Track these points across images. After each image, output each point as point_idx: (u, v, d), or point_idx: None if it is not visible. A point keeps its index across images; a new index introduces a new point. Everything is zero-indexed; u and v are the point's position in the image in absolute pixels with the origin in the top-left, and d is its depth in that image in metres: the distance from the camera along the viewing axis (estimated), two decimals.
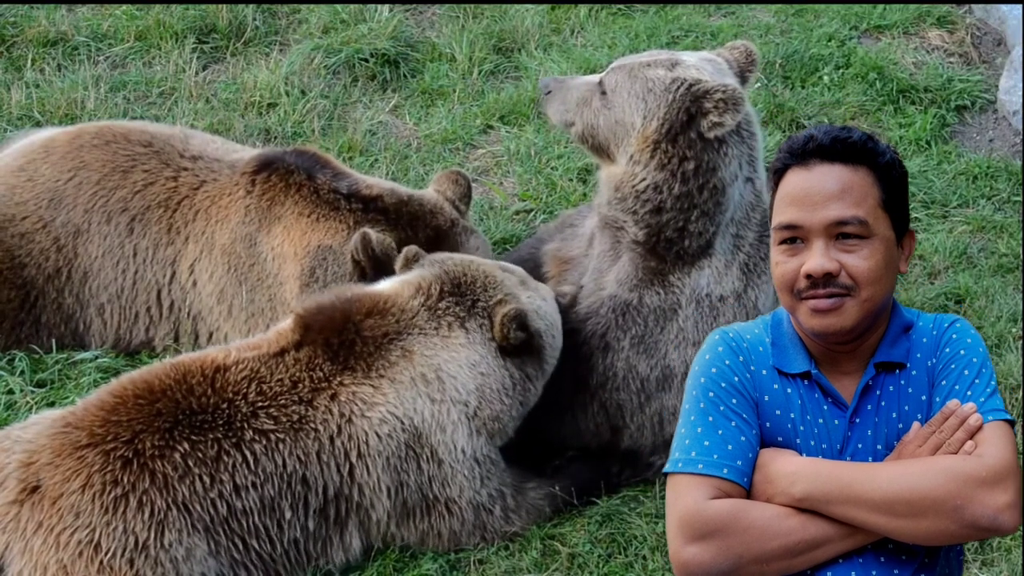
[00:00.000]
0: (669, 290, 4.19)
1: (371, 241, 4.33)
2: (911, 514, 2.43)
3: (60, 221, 4.73)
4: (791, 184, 2.58)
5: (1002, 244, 5.52)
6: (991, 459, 2.45)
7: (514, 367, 4.02)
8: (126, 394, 3.67)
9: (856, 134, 2.57)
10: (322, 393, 3.78)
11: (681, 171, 4.04)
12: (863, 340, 2.61)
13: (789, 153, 2.60)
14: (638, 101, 4.07)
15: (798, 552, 2.48)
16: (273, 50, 6.57)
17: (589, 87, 4.27)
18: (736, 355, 2.65)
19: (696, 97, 3.99)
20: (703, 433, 2.56)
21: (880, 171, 2.57)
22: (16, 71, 6.20)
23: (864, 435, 2.60)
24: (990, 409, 2.52)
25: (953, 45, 6.87)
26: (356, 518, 3.82)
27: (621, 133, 4.14)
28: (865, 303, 2.53)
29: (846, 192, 2.52)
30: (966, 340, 2.63)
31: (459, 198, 4.74)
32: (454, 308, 3.98)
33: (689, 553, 2.47)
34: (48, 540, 3.40)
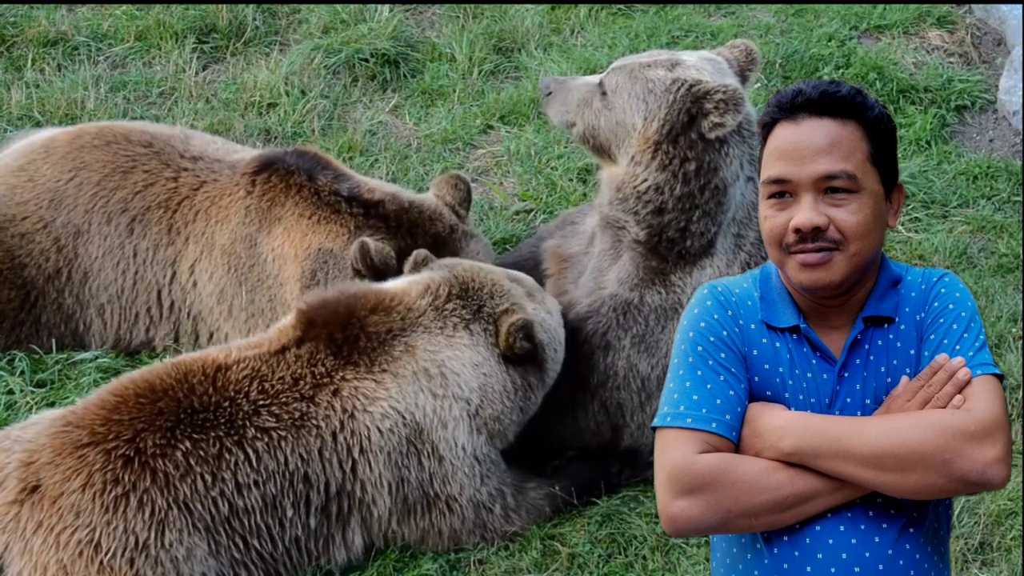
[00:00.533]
0: (670, 289, 4.19)
1: (369, 250, 4.33)
2: (900, 468, 2.42)
3: (60, 221, 4.73)
4: (779, 138, 2.57)
5: (1002, 244, 5.52)
6: (980, 413, 2.44)
7: (516, 374, 4.02)
8: (127, 393, 3.67)
9: (845, 88, 2.56)
10: (324, 389, 3.78)
11: (683, 172, 4.04)
12: (852, 294, 2.61)
13: (778, 107, 2.58)
14: (639, 102, 4.07)
15: (787, 506, 2.48)
16: (273, 50, 6.57)
17: (589, 88, 4.27)
18: (725, 309, 2.64)
19: (697, 98, 3.99)
20: (692, 387, 2.56)
21: (869, 125, 2.55)
22: (16, 71, 6.20)
23: (853, 389, 2.59)
24: (979, 363, 2.51)
25: (953, 45, 6.87)
26: (358, 515, 3.82)
27: (622, 134, 4.15)
28: (854, 257, 2.52)
29: (834, 146, 2.51)
30: (955, 294, 2.62)
31: (459, 202, 4.73)
32: (460, 311, 3.99)
33: (678, 507, 2.47)
34: (48, 540, 3.40)
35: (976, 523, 4.02)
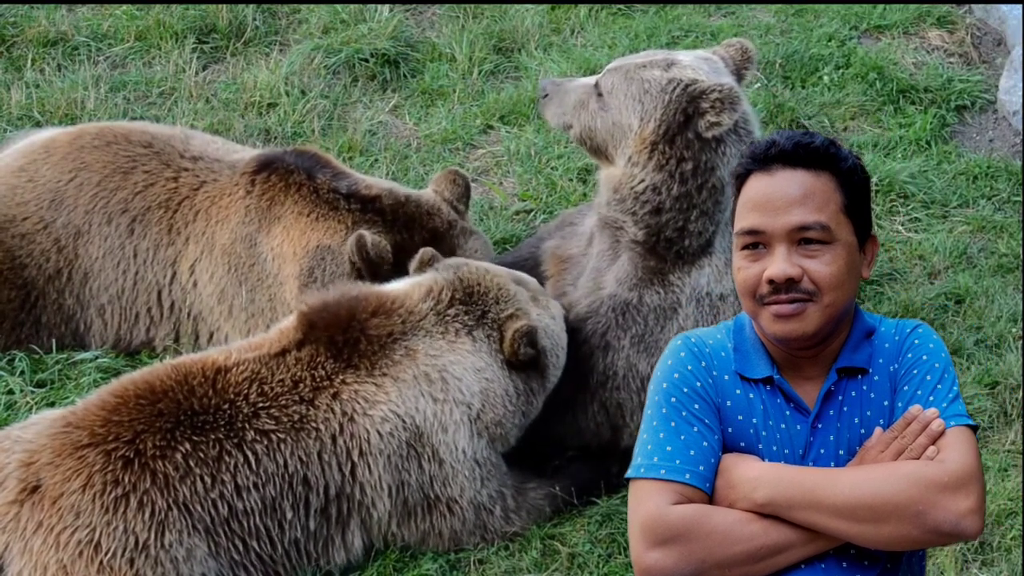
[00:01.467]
0: (669, 289, 4.19)
1: (366, 243, 4.32)
2: (873, 519, 2.43)
3: (61, 222, 4.73)
4: (753, 189, 2.58)
5: (1002, 244, 5.52)
6: (953, 464, 2.45)
7: (519, 379, 4.02)
8: (127, 394, 3.67)
9: (818, 139, 2.57)
10: (324, 392, 3.78)
11: (679, 172, 4.04)
12: (825, 345, 2.62)
13: (751, 158, 2.60)
14: (635, 103, 4.07)
15: (760, 557, 2.48)
16: (273, 50, 6.57)
17: (586, 89, 4.27)
18: (698, 360, 2.65)
19: (692, 97, 3.99)
20: (665, 438, 2.56)
21: (842, 176, 2.56)
22: (16, 71, 6.19)
23: (826, 440, 2.59)
24: (952, 414, 2.52)
25: (953, 45, 6.86)
26: (358, 517, 3.82)
27: (619, 135, 4.14)
28: (827, 308, 2.53)
29: (808, 197, 2.52)
30: (928, 345, 2.63)
31: (457, 198, 4.73)
32: (463, 316, 3.98)
33: (651, 558, 2.47)
34: (48, 540, 3.40)
35: None
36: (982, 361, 4.81)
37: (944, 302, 5.16)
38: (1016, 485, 4.17)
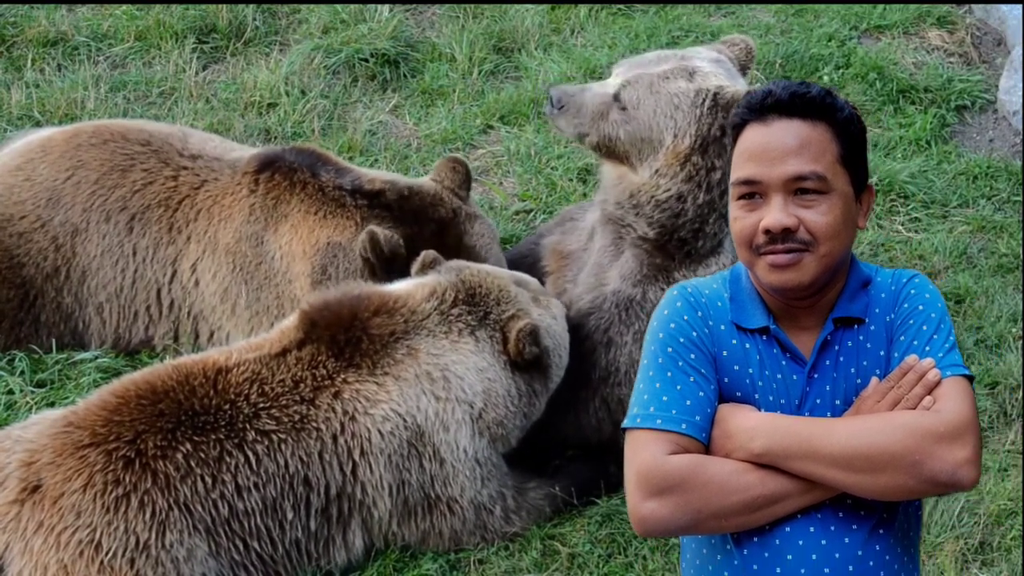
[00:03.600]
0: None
1: (379, 240, 4.32)
2: (869, 469, 2.42)
3: (58, 220, 4.72)
4: (749, 139, 2.56)
5: (1002, 244, 5.53)
6: (949, 414, 2.44)
7: (521, 380, 4.02)
8: (128, 394, 3.67)
9: (815, 89, 2.55)
10: (325, 391, 3.78)
11: (707, 181, 4.05)
12: (821, 295, 2.60)
13: (748, 108, 2.58)
14: (666, 119, 4.05)
15: (757, 507, 2.48)
16: (273, 50, 6.57)
17: (604, 100, 4.21)
18: (694, 310, 2.64)
19: (728, 110, 3.96)
20: (661, 388, 2.55)
21: (839, 126, 2.55)
22: (16, 71, 6.19)
23: (823, 390, 2.59)
24: (948, 364, 2.51)
25: (953, 45, 6.87)
26: (359, 517, 3.82)
27: (647, 149, 4.12)
28: (823, 258, 2.52)
29: (804, 147, 2.50)
30: (924, 295, 2.62)
31: (458, 185, 4.71)
32: (466, 316, 3.98)
33: (647, 508, 2.47)
34: (49, 540, 3.40)
35: (976, 523, 4.02)
36: (982, 361, 4.82)
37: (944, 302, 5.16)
38: (1016, 485, 4.17)
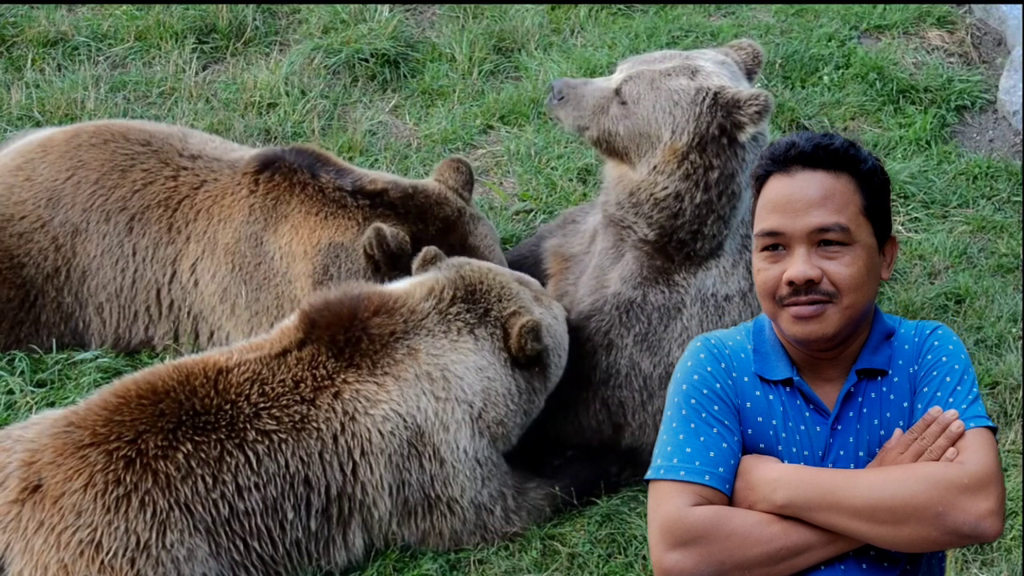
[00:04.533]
0: (674, 289, 4.19)
1: (385, 236, 4.31)
2: (893, 521, 2.43)
3: (58, 220, 4.72)
4: (773, 191, 2.58)
5: (1002, 244, 5.53)
6: (973, 466, 2.45)
7: (521, 378, 4.02)
8: (129, 394, 3.67)
9: (838, 141, 2.58)
10: (325, 391, 3.78)
11: (705, 180, 4.04)
12: (845, 347, 2.62)
13: (771, 160, 2.60)
14: (665, 115, 4.05)
15: (780, 559, 2.49)
16: (273, 50, 6.57)
17: (605, 94, 4.22)
18: (718, 362, 2.65)
19: (728, 111, 3.97)
20: (685, 440, 2.57)
21: (862, 178, 2.57)
22: (16, 71, 6.19)
23: (846, 442, 2.60)
24: (972, 416, 2.53)
25: (953, 45, 6.87)
26: (359, 517, 3.82)
27: (645, 145, 4.12)
28: (847, 310, 2.53)
29: (828, 199, 2.52)
30: (948, 347, 2.63)
31: (461, 185, 4.71)
32: (465, 315, 3.98)
33: (671, 560, 2.48)
34: (49, 539, 3.40)
35: None
36: (982, 361, 4.82)
37: (944, 302, 5.17)
38: (1016, 485, 4.17)
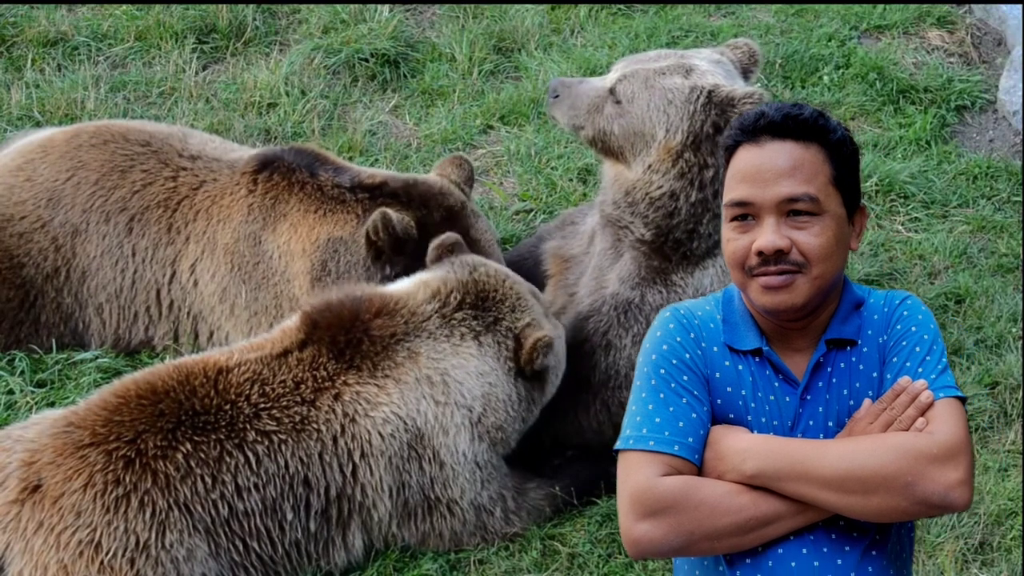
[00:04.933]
0: (671, 289, 4.19)
1: (391, 219, 4.30)
2: (862, 491, 2.43)
3: (58, 221, 4.72)
4: (742, 161, 2.57)
5: (1002, 244, 5.53)
6: (942, 436, 2.45)
7: (522, 387, 4.02)
8: (129, 394, 3.67)
9: (807, 111, 2.56)
10: (325, 393, 3.77)
11: (700, 178, 4.04)
12: (814, 317, 2.61)
13: (740, 130, 2.59)
14: (659, 114, 4.05)
15: (749, 529, 2.48)
16: (273, 50, 6.57)
17: (600, 93, 4.22)
18: (687, 332, 2.64)
19: (720, 106, 3.96)
20: (654, 410, 2.56)
21: (831, 148, 2.56)
22: (16, 71, 6.19)
23: (815, 412, 2.59)
24: (941, 386, 2.52)
25: (953, 45, 6.87)
26: (358, 518, 3.82)
27: (640, 144, 4.12)
28: (816, 280, 2.52)
29: (797, 169, 2.51)
30: (917, 317, 2.63)
31: (463, 181, 4.73)
32: (471, 320, 3.97)
33: (640, 530, 2.47)
34: (49, 539, 3.40)
35: (976, 523, 4.02)
36: (982, 361, 4.82)
37: (944, 302, 5.17)
38: (1016, 485, 4.17)
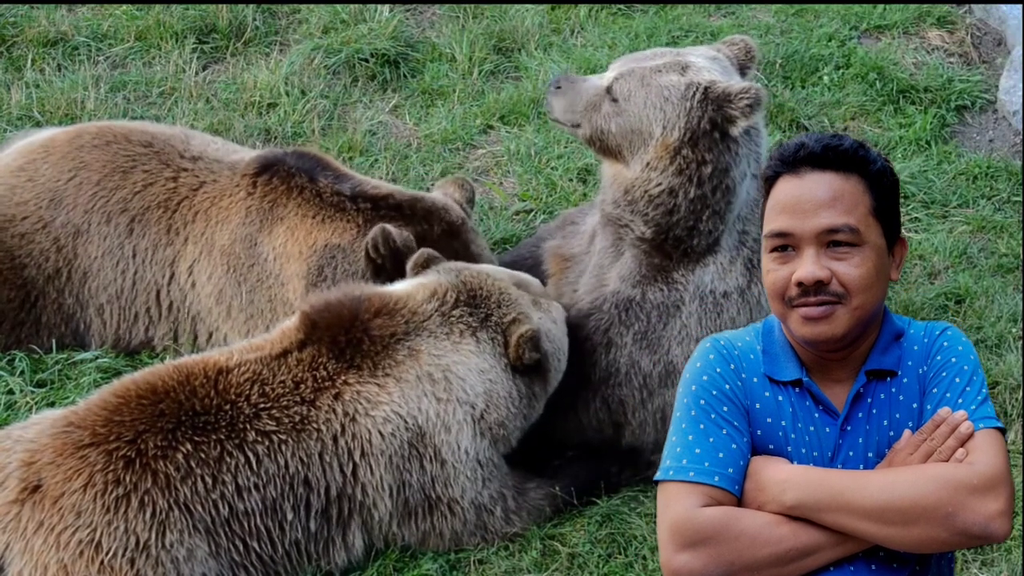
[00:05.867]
0: (672, 286, 4.19)
1: (391, 235, 4.32)
2: (902, 522, 2.43)
3: (60, 221, 4.73)
4: (782, 192, 2.58)
5: (1002, 244, 5.53)
6: (982, 466, 2.46)
7: (522, 383, 4.02)
8: (129, 395, 3.67)
9: (847, 142, 2.58)
10: (325, 392, 3.78)
11: (698, 175, 4.04)
12: (854, 348, 2.62)
13: (780, 161, 2.61)
14: (656, 111, 4.05)
15: (789, 560, 2.49)
16: (273, 50, 6.57)
17: (597, 92, 4.22)
18: (727, 363, 2.66)
19: (717, 102, 3.96)
20: (694, 441, 2.57)
21: (871, 179, 2.57)
22: (16, 71, 6.19)
23: (855, 443, 2.60)
24: (981, 417, 2.53)
25: (953, 45, 6.87)
26: (359, 518, 3.82)
27: (637, 142, 4.12)
28: (856, 311, 2.53)
29: (837, 200, 2.52)
30: (957, 348, 2.64)
31: (465, 201, 4.77)
32: (467, 318, 3.98)
33: (680, 561, 2.49)
34: (49, 539, 3.40)
35: None
36: (982, 361, 4.81)
37: (944, 302, 5.17)
38: (1016, 485, 4.17)
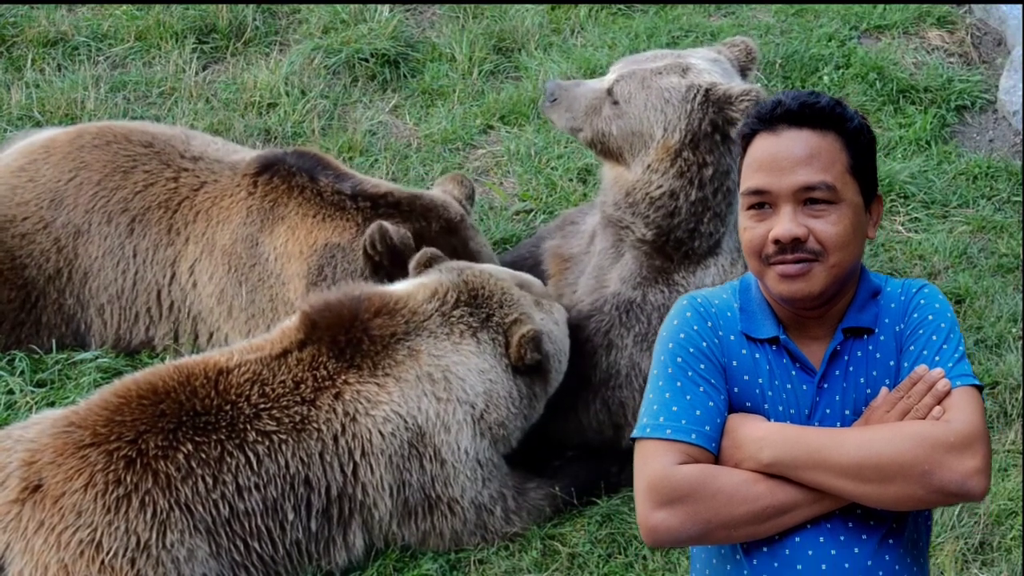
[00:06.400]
0: (673, 288, 4.19)
1: (388, 232, 4.32)
2: (879, 479, 2.43)
3: (61, 222, 4.73)
4: (759, 149, 2.57)
5: (1002, 244, 5.53)
6: (959, 424, 2.45)
7: (523, 383, 4.02)
8: (130, 395, 3.67)
9: (824, 99, 2.56)
10: (325, 392, 3.78)
11: (699, 177, 4.04)
12: (831, 305, 2.61)
13: (757, 118, 2.59)
14: (656, 113, 4.05)
15: (766, 517, 2.48)
16: (273, 50, 6.57)
17: (597, 95, 4.22)
18: (704, 320, 2.64)
19: (718, 104, 3.96)
20: (671, 398, 2.56)
21: (848, 136, 2.56)
22: (16, 71, 6.19)
23: (832, 400, 2.59)
24: (958, 374, 2.52)
25: (953, 45, 6.87)
26: (359, 518, 3.82)
27: (638, 144, 4.12)
28: (833, 268, 2.52)
29: (814, 157, 2.51)
30: (934, 305, 2.62)
31: (464, 198, 4.77)
32: (467, 318, 3.98)
33: (657, 518, 2.47)
34: (49, 539, 3.40)
35: (976, 523, 4.03)
36: (982, 361, 4.82)
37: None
38: (1016, 485, 4.17)
